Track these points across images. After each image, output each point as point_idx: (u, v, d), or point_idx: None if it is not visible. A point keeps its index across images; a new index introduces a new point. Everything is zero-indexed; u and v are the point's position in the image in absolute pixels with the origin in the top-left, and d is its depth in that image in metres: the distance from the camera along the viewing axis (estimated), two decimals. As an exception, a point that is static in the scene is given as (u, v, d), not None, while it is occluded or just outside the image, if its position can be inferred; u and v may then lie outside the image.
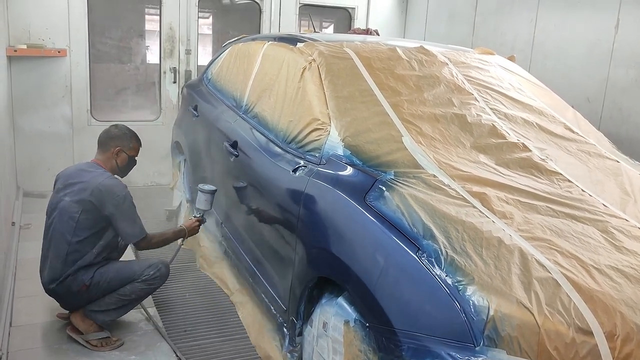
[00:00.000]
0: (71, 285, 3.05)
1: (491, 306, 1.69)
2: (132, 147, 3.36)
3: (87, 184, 3.08)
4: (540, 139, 2.83)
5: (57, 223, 3.10)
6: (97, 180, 3.09)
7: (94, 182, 3.08)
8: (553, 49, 4.90)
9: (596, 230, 2.10)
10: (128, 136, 3.35)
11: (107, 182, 3.10)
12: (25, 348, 3.07)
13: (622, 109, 4.30)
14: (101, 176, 3.13)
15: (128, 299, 3.15)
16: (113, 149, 3.27)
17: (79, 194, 3.07)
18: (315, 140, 2.71)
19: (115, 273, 3.12)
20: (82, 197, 3.05)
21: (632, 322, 1.68)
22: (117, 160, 3.30)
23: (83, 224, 3.06)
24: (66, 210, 3.08)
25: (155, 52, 6.33)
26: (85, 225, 3.07)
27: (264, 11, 6.55)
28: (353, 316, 2.10)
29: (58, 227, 3.09)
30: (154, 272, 3.15)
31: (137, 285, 3.13)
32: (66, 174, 3.24)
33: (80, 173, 3.19)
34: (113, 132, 3.33)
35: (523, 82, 3.41)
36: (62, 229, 3.08)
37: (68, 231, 3.06)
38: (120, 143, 3.30)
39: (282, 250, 2.73)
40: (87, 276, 3.05)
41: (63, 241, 3.06)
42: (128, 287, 3.11)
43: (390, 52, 3.16)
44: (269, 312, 2.94)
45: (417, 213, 2.05)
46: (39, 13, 5.48)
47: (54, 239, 3.10)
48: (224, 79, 4.25)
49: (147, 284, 3.14)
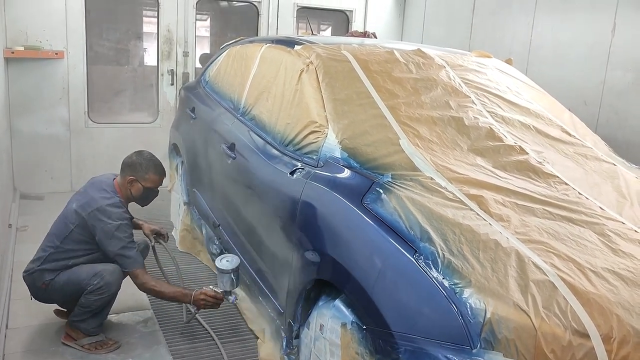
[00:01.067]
0: (36, 280, 3.08)
1: (488, 309, 1.69)
2: (148, 178, 3.22)
3: (91, 202, 3.06)
4: (537, 142, 2.84)
5: (56, 222, 3.16)
6: (99, 203, 3.05)
7: (95, 204, 3.05)
8: (550, 52, 4.91)
9: (593, 233, 2.11)
10: (144, 166, 3.22)
11: (107, 208, 3.04)
12: (21, 350, 3.06)
13: (618, 112, 4.32)
14: (106, 200, 3.07)
15: (90, 309, 3.05)
16: (127, 177, 3.19)
17: (81, 208, 3.06)
18: (312, 142, 2.71)
19: (67, 279, 3.04)
20: (81, 214, 3.04)
21: (628, 325, 1.68)
22: (131, 190, 3.21)
23: (75, 238, 3.07)
24: (66, 217, 3.11)
25: (153, 54, 6.33)
26: (77, 240, 3.07)
27: (262, 13, 6.56)
28: (350, 319, 2.10)
29: (54, 226, 3.16)
30: (98, 281, 3.00)
31: (89, 297, 3.02)
32: (90, 181, 3.26)
33: (96, 186, 3.17)
34: (131, 159, 3.24)
35: (520, 85, 3.42)
36: (56, 229, 3.12)
37: (59, 235, 3.08)
38: (134, 173, 3.20)
39: (279, 252, 2.73)
40: (49, 276, 3.06)
41: (51, 240, 3.11)
42: (83, 299, 3.03)
43: (388, 55, 3.16)
44: (267, 315, 2.94)
45: (414, 215, 2.06)
46: (37, 15, 5.47)
47: (48, 234, 3.16)
48: (222, 81, 4.25)
49: (97, 294, 3.01)
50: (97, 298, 3.03)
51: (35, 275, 3.08)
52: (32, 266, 3.11)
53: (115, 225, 3.01)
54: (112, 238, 3.01)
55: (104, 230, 3.01)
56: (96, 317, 3.10)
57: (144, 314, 3.51)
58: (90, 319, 3.08)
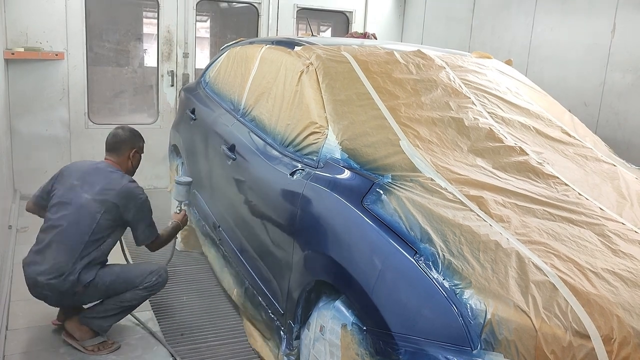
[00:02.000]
0: (70, 283, 2.94)
1: (488, 310, 1.69)
2: (142, 146, 3.44)
3: (111, 185, 3.09)
4: (537, 143, 2.84)
5: (73, 218, 3.01)
6: (121, 183, 3.12)
7: (117, 185, 3.10)
8: (550, 53, 4.92)
9: (593, 233, 2.11)
10: (137, 136, 3.41)
11: (130, 185, 3.16)
12: (21, 352, 3.07)
13: (618, 113, 4.32)
14: (123, 179, 3.17)
15: (128, 305, 3.14)
16: (129, 151, 3.32)
17: (102, 194, 3.06)
18: (312, 143, 2.72)
19: (115, 277, 3.08)
20: (106, 199, 3.05)
21: (629, 326, 1.68)
22: (133, 162, 3.37)
23: (103, 225, 3.04)
24: (86, 208, 3.03)
25: (153, 55, 6.33)
26: (105, 226, 3.05)
27: (262, 14, 6.56)
28: (350, 320, 2.10)
29: (74, 223, 3.00)
30: (156, 278, 3.16)
31: (139, 292, 3.12)
32: (81, 170, 3.19)
33: (99, 172, 3.17)
34: (124, 135, 3.33)
35: (520, 86, 3.42)
36: (79, 225, 3.00)
37: (86, 229, 2.99)
38: (134, 145, 3.36)
39: (279, 253, 2.73)
40: (89, 277, 2.98)
41: (78, 238, 2.97)
42: (128, 294, 3.09)
43: (388, 56, 3.17)
44: (267, 315, 2.94)
45: (415, 216, 2.06)
46: (37, 16, 5.48)
47: (67, 233, 2.98)
48: (222, 82, 4.25)
49: (148, 290, 3.15)
50: (147, 294, 3.16)
51: (71, 278, 2.93)
52: (58, 270, 2.92)
53: (144, 198, 3.18)
54: (145, 211, 3.19)
55: (137, 206, 3.13)
56: (117, 316, 3.16)
57: (144, 314, 3.51)
58: (111, 317, 3.13)
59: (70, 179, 3.15)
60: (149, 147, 6.16)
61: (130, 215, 3.12)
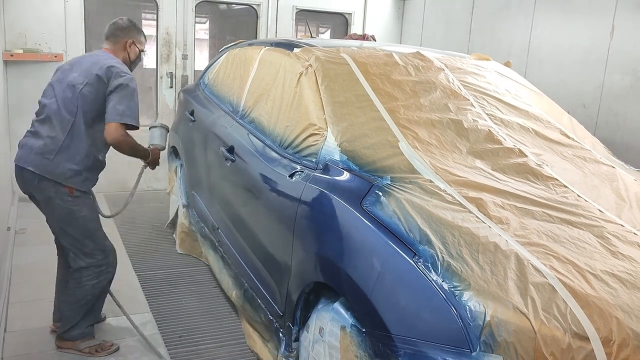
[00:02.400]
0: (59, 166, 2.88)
1: (487, 311, 1.69)
2: (141, 40, 3.26)
3: (98, 63, 2.98)
4: (536, 145, 2.84)
5: (59, 95, 2.96)
6: (110, 62, 2.99)
7: (106, 62, 2.99)
8: (549, 54, 4.92)
9: (592, 235, 2.11)
10: (138, 29, 3.24)
11: (120, 65, 3.01)
12: (20, 354, 3.06)
13: (617, 115, 4.32)
14: (113, 59, 3.04)
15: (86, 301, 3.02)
16: (125, 40, 3.16)
17: (88, 70, 2.96)
18: (311, 145, 2.72)
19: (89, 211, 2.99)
20: (90, 72, 2.94)
21: (628, 328, 1.68)
22: (130, 53, 3.20)
23: (86, 96, 2.92)
24: (71, 83, 2.96)
25: (152, 57, 6.33)
26: (86, 100, 2.92)
27: (261, 16, 6.56)
28: (349, 321, 2.09)
29: (60, 99, 2.94)
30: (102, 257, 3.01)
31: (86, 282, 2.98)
32: (75, 58, 3.16)
33: (92, 56, 3.11)
34: (122, 24, 3.19)
35: (519, 87, 3.42)
36: (64, 99, 2.94)
37: (70, 104, 2.92)
38: (132, 36, 3.19)
39: (278, 255, 2.73)
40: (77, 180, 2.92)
41: (66, 111, 2.92)
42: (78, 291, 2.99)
43: (387, 58, 3.17)
44: (266, 317, 2.93)
45: (414, 218, 2.06)
46: (36, 18, 5.48)
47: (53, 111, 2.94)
48: (221, 84, 4.25)
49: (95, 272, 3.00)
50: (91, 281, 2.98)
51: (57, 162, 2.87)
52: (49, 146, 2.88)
53: (130, 78, 2.97)
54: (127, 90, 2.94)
55: (120, 82, 2.92)
56: (89, 315, 3.07)
57: (142, 317, 3.51)
58: (83, 320, 3.04)
59: (64, 67, 3.12)
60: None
61: (111, 88, 2.91)
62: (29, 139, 2.99)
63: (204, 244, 4.12)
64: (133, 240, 4.80)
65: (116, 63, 3.01)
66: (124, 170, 6.12)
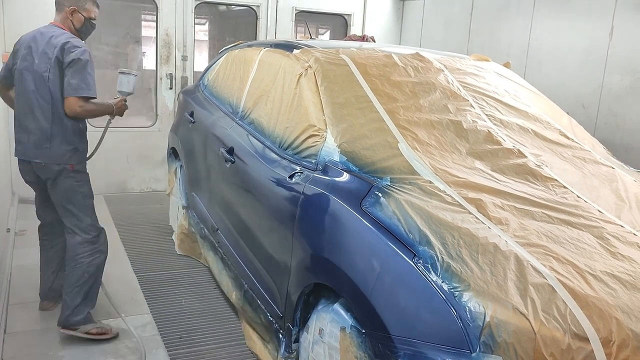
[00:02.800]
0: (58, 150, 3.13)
1: (487, 312, 1.69)
2: (87, 8, 3.26)
3: (51, 42, 3.11)
4: (536, 145, 2.84)
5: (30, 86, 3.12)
6: (60, 39, 3.11)
7: (57, 40, 3.10)
8: (548, 55, 4.93)
9: (591, 236, 2.11)
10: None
11: (70, 39, 3.12)
12: (20, 355, 3.06)
13: (616, 116, 4.33)
14: (63, 35, 3.14)
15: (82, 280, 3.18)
16: (67, 8, 3.22)
17: (45, 54, 3.09)
18: (311, 146, 2.72)
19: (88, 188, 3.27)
20: (48, 56, 3.08)
21: (627, 328, 1.68)
22: (73, 22, 3.24)
23: (53, 81, 3.09)
24: (37, 72, 3.10)
25: (152, 58, 6.33)
26: (55, 84, 3.09)
27: (261, 18, 6.57)
28: (349, 322, 2.09)
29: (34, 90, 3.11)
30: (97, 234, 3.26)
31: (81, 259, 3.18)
32: (27, 40, 3.22)
33: (42, 36, 3.17)
34: None
35: (518, 88, 3.43)
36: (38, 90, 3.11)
37: (43, 91, 3.10)
38: (73, 2, 3.22)
39: (278, 256, 2.73)
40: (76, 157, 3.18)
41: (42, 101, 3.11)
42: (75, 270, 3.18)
43: (386, 59, 3.17)
44: (265, 318, 2.93)
45: (413, 219, 2.06)
46: (34, 19, 5.43)
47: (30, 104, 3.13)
48: (221, 85, 4.25)
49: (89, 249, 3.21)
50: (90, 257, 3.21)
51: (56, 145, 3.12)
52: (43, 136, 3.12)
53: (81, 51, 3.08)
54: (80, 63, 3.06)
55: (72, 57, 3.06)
56: (86, 300, 3.21)
57: (142, 318, 3.50)
58: (82, 305, 3.18)
59: (21, 51, 3.20)
60: (147, 150, 6.20)
61: (65, 64, 3.07)
62: (22, 135, 3.22)
63: (204, 245, 4.12)
64: (132, 241, 4.80)
65: (67, 38, 3.13)
66: (123, 172, 6.14)
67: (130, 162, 6.08)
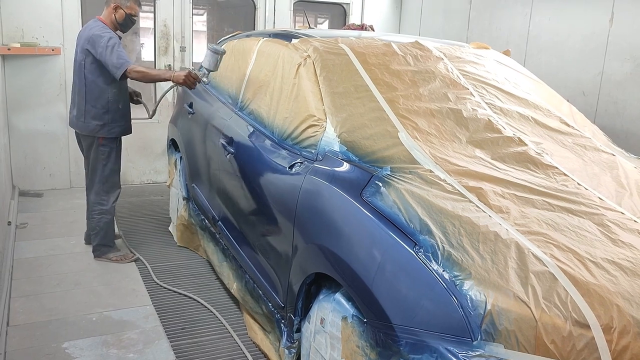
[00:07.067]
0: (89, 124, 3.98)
1: (488, 300, 1.69)
2: (129, 5, 3.89)
3: (84, 36, 3.85)
4: (536, 133, 2.84)
5: (75, 71, 3.96)
6: (91, 32, 3.81)
7: (90, 32, 3.81)
8: (548, 42, 4.91)
9: (592, 223, 2.11)
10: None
11: (98, 31, 3.79)
12: (23, 347, 3.07)
13: (617, 102, 4.31)
14: (95, 27, 3.83)
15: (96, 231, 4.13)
16: (112, 4, 3.87)
17: (82, 46, 3.86)
18: (311, 136, 2.71)
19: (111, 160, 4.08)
20: (83, 47, 3.84)
21: (628, 315, 1.68)
22: (116, 16, 3.90)
23: (88, 68, 3.87)
24: (77, 60, 3.94)
25: (150, 49, 6.31)
26: (90, 69, 3.87)
27: (259, 7, 6.53)
28: (350, 312, 2.10)
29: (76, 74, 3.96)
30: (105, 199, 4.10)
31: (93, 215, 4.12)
32: (80, 33, 3.99)
33: (83, 30, 3.94)
34: None
35: (518, 76, 3.41)
36: (77, 74, 3.95)
37: (80, 75, 3.92)
38: (117, 1, 3.86)
39: (279, 246, 2.73)
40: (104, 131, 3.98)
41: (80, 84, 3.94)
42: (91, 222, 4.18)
43: (386, 48, 3.16)
44: (267, 309, 2.94)
45: (414, 208, 2.06)
46: (32, 11, 5.45)
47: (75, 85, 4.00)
48: (219, 76, 4.24)
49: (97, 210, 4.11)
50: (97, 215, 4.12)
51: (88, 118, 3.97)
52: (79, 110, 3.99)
53: (107, 38, 3.76)
54: (108, 47, 3.73)
55: (101, 45, 3.74)
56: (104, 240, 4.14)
57: (144, 309, 3.52)
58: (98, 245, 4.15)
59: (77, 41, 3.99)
60: (147, 141, 6.20)
61: (98, 53, 3.76)
62: (72, 109, 4.10)
63: (204, 237, 4.13)
64: (133, 233, 4.81)
65: (96, 30, 3.81)
66: (123, 164, 6.13)
67: (130, 154, 6.07)
